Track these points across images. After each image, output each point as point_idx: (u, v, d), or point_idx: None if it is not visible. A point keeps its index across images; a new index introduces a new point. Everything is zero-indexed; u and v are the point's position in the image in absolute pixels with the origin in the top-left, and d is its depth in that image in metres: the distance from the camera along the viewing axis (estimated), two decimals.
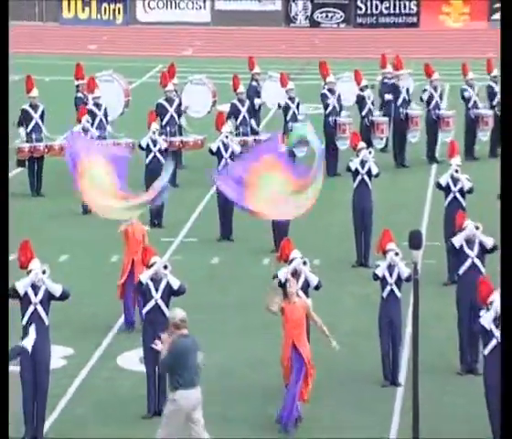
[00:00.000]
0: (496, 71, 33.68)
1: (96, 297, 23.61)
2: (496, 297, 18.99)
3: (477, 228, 21.98)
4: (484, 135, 33.65)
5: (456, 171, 25.81)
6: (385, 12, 53.60)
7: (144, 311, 20.41)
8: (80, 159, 21.46)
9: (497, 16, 52.71)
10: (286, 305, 19.47)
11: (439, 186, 26.12)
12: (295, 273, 20.81)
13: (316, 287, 20.79)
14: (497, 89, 33.71)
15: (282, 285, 20.57)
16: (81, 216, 29.27)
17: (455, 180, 25.71)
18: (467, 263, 21.82)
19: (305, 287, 20.65)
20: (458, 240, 22.05)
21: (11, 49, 17.32)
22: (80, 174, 21.33)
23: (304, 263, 20.95)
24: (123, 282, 22.91)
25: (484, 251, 21.84)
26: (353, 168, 27.03)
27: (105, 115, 32.07)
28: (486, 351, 18.99)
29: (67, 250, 27.12)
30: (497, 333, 18.74)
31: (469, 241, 21.87)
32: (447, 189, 25.77)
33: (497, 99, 33.44)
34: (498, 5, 52.74)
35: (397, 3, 53.48)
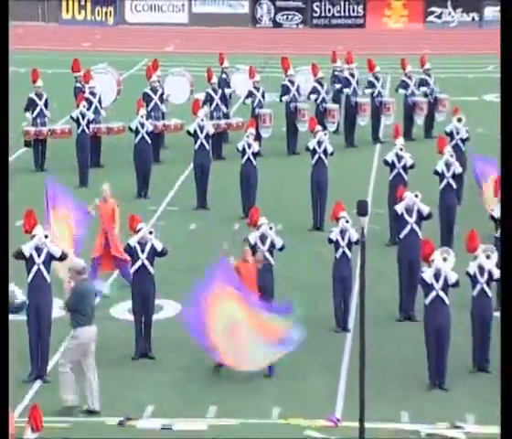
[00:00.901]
0: (429, 65, 33.90)
1: (89, 258, 23.57)
2: (436, 256, 19.13)
3: (416, 196, 22.08)
4: (419, 120, 33.78)
5: (401, 149, 25.88)
6: (336, 14, 53.73)
7: (132, 270, 20.52)
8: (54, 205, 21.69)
9: (432, 18, 52.82)
10: (241, 265, 19.63)
11: (385, 162, 26.17)
12: (263, 237, 20.91)
13: (281, 248, 20.90)
14: (430, 80, 33.97)
15: (253, 247, 20.71)
16: (78, 188, 29.26)
17: (400, 157, 25.77)
18: (407, 228, 21.94)
19: (271, 248, 20.78)
20: (399, 208, 22.19)
21: (18, 46, 17.17)
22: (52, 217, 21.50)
23: (270, 228, 21.04)
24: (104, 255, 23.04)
25: (421, 217, 21.96)
26: (311, 148, 27.12)
27: (99, 102, 32.15)
28: (427, 301, 19.15)
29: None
30: (437, 286, 18.89)
31: (408, 209, 21.98)
32: (392, 165, 25.82)
33: (430, 88, 33.55)
34: (433, 8, 52.84)
35: (346, 7, 53.57)
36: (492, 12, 52.45)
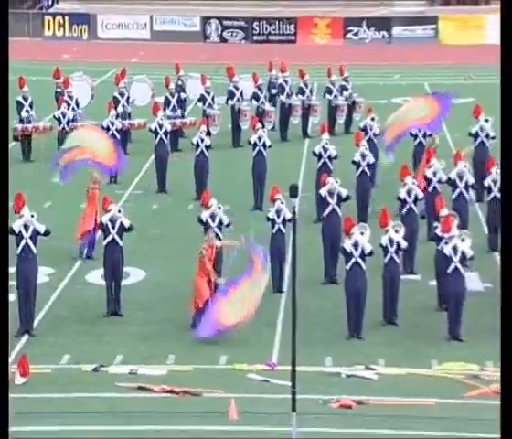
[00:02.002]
0: (347, 74, 34.03)
1: (70, 233, 23.45)
2: (354, 230, 19.24)
3: (337, 181, 22.18)
4: (340, 119, 33.86)
5: (326, 143, 25.95)
6: (272, 32, 53.77)
7: (104, 242, 20.46)
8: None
9: (350, 35, 52.95)
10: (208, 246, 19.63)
11: (314, 153, 26.26)
12: (213, 216, 20.92)
13: (227, 225, 20.93)
14: (349, 86, 33.99)
15: (204, 223, 20.77)
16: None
17: (325, 149, 25.84)
18: (329, 208, 22.03)
19: (220, 225, 20.80)
20: (323, 192, 22.26)
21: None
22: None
23: (219, 208, 21.05)
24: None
25: (340, 199, 22.07)
26: (252, 142, 27.17)
27: (76, 104, 32.20)
28: (347, 267, 19.29)
29: (49, 198, 26.96)
30: (356, 254, 18.99)
31: (331, 193, 22.05)
32: (319, 156, 25.89)
33: (348, 93, 33.56)
34: (351, 27, 52.98)
35: (281, 25, 53.62)
36: (399, 31, 52.74)
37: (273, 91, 33.96)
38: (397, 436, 15.60)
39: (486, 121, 27.67)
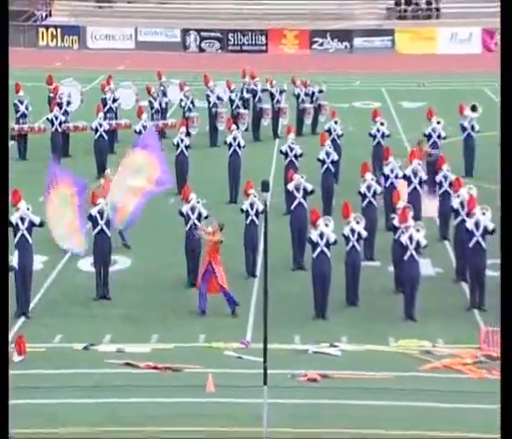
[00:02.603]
0: (313, 81, 34.06)
1: None
2: (320, 222, 19.28)
3: (302, 177, 22.22)
4: (308, 120, 33.84)
5: (292, 143, 25.96)
6: (246, 43, 53.69)
7: (94, 232, 20.41)
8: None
9: (316, 45, 52.99)
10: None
11: (281, 152, 26.28)
12: (193, 208, 20.90)
13: (206, 217, 20.89)
14: (315, 89, 33.81)
15: (184, 216, 20.74)
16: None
17: (291, 148, 25.83)
18: (296, 202, 22.05)
19: (199, 217, 20.76)
20: (290, 187, 22.28)
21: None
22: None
23: (198, 202, 21.02)
24: None
25: (306, 193, 22.10)
26: (228, 142, 27.15)
27: (68, 106, 31.97)
28: (314, 255, 19.33)
29: (43, 193, 26.75)
30: (321, 243, 19.02)
31: (297, 187, 22.08)
32: (286, 154, 25.89)
33: (314, 98, 33.56)
34: (316, 38, 53.01)
35: (253, 37, 53.61)
36: (359, 42, 52.83)
37: (246, 96, 33.94)
38: (358, 406, 15.67)
39: (438, 123, 27.77)
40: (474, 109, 28.33)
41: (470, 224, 19.63)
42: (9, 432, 12.10)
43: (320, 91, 33.90)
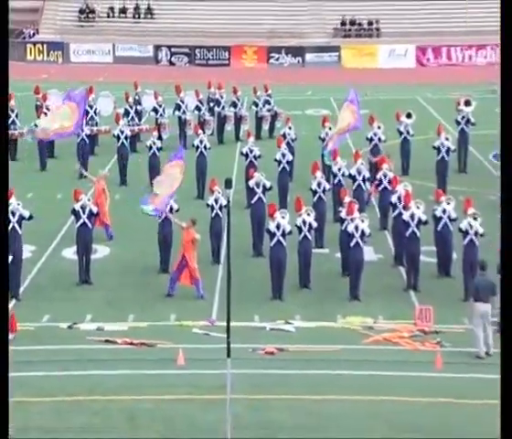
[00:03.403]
0: (270, 91, 33.95)
1: (48, 218, 23.21)
2: (277, 214, 19.28)
3: (262, 175, 22.21)
4: (265, 126, 33.75)
5: (252, 145, 25.94)
6: (211, 57, 53.52)
7: (77, 226, 20.26)
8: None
9: (272, 60, 52.97)
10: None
11: (241, 153, 26.25)
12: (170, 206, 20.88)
13: (177, 210, 20.81)
14: (271, 100, 33.66)
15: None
16: (39, 171, 28.87)
17: (251, 150, 25.82)
18: (256, 197, 22.03)
19: (171, 210, 20.67)
20: (251, 183, 22.28)
21: None
22: None
23: (171, 197, 20.98)
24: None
25: (265, 189, 22.09)
26: (195, 144, 27.08)
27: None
28: (271, 244, 19.33)
29: (31, 190, 26.51)
30: (278, 233, 19.03)
31: (257, 184, 22.07)
32: (246, 156, 25.87)
33: (271, 106, 33.52)
34: (273, 54, 52.99)
35: (217, 52, 53.50)
36: (310, 57, 52.89)
37: (212, 104, 33.85)
38: (310, 375, 15.70)
39: (379, 128, 27.89)
40: (409, 116, 28.53)
41: (406, 216, 19.76)
42: (9, 432, 11.82)
43: (267, 102, 33.69)
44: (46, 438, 13.55)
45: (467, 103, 28.72)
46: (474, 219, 19.11)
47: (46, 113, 31.01)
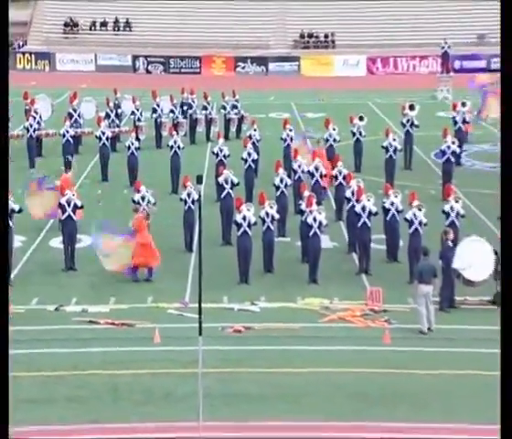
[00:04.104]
0: (238, 96, 33.88)
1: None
2: (243, 207, 19.24)
3: (231, 172, 22.15)
4: (233, 127, 33.67)
5: (221, 145, 25.88)
6: (184, 66, 53.25)
7: (62, 218, 20.11)
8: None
9: (239, 69, 52.86)
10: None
11: (213, 153, 26.18)
12: (143, 197, 20.72)
13: (154, 204, 20.68)
14: (238, 105, 33.51)
15: (136, 202, 20.51)
16: (27, 169, 28.61)
17: (221, 150, 25.75)
18: (225, 192, 21.97)
19: (148, 203, 20.57)
20: (220, 180, 22.21)
21: None
22: None
23: (147, 192, 20.85)
24: None
25: (233, 185, 22.04)
26: (170, 144, 26.95)
27: (40, 117, 31.16)
28: (238, 234, 19.30)
29: (21, 186, 26.23)
30: (244, 224, 19.01)
31: (226, 180, 22.01)
32: (216, 155, 25.80)
33: (238, 110, 33.31)
34: (239, 63, 52.90)
35: (190, 62, 53.25)
36: (273, 66, 52.82)
37: (185, 108, 33.72)
38: (274, 350, 15.74)
39: (334, 129, 27.98)
40: (361, 119, 28.65)
41: (358, 208, 19.84)
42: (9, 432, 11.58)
43: (235, 107, 33.63)
44: (35, 409, 13.45)
45: (411, 108, 28.93)
46: (419, 210, 19.24)
47: (34, 117, 30.74)
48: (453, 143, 26.14)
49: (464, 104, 30.42)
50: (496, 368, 14.93)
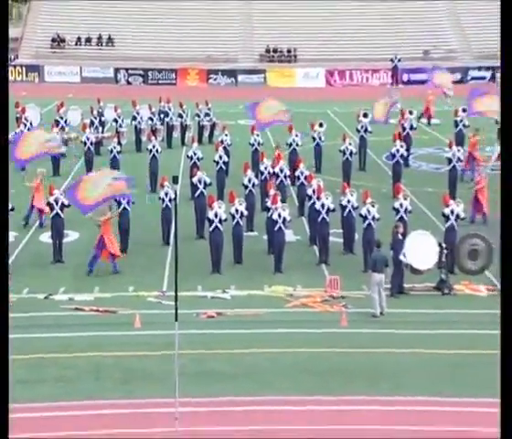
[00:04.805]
0: (210, 105, 33.78)
1: (27, 209, 22.70)
2: (215, 205, 19.16)
3: (203, 173, 22.03)
4: (206, 133, 33.48)
5: (195, 149, 25.78)
6: (161, 78, 52.98)
7: (51, 215, 19.87)
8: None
9: (211, 80, 52.75)
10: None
11: (187, 156, 26.05)
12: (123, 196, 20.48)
13: (133, 202, 20.48)
14: (211, 112, 33.32)
15: (117, 201, 20.28)
16: (19, 170, 28.20)
17: (195, 153, 25.63)
18: (198, 191, 21.88)
19: (128, 203, 20.30)
20: (194, 180, 22.12)
21: None
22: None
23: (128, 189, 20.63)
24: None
25: (206, 184, 21.95)
26: (149, 148, 26.76)
27: (31, 124, 30.81)
28: (211, 229, 19.19)
29: (13, 186, 25.77)
30: (216, 220, 18.91)
31: (199, 181, 21.92)
32: (191, 158, 25.68)
33: (210, 117, 33.14)
34: (211, 75, 52.78)
35: (166, 74, 53.02)
36: (242, 77, 52.74)
37: (162, 116, 33.55)
38: (243, 333, 15.73)
39: (296, 135, 28.02)
40: (320, 125, 28.76)
41: (318, 205, 19.88)
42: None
43: (207, 114, 33.47)
44: (27, 388, 13.31)
45: (365, 115, 29.16)
46: (372, 206, 19.35)
47: (25, 124, 30.36)
48: (402, 146, 26.37)
49: (411, 112, 30.81)
50: (439, 346, 15.10)
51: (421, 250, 17.48)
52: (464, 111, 28.96)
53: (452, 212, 18.61)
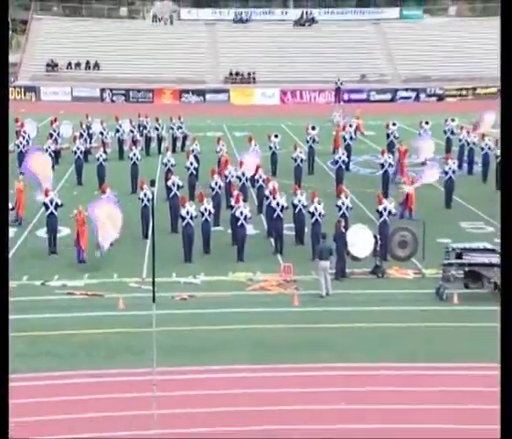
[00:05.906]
0: (182, 119, 33.59)
1: (25, 208, 22.25)
2: (187, 204, 19.01)
3: (177, 178, 21.83)
4: (178, 143, 33.26)
5: (169, 157, 25.53)
6: (140, 97, 52.64)
7: (46, 214, 19.53)
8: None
9: (183, 98, 52.49)
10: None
11: (163, 163, 25.80)
12: (108, 198, 20.19)
13: (117, 201, 20.19)
14: (183, 126, 33.18)
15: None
16: (18, 175, 27.69)
17: (169, 160, 25.31)
18: (172, 193, 21.60)
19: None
20: (169, 183, 21.87)
21: None
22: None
23: (114, 195, 20.39)
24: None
25: (179, 187, 21.74)
26: (130, 156, 26.44)
27: (29, 136, 30.29)
28: (183, 224, 18.98)
29: (12, 188, 25.37)
30: (187, 217, 18.75)
31: (173, 184, 21.67)
32: (166, 164, 25.42)
33: (182, 130, 32.87)
34: (184, 94, 52.50)
35: (145, 93, 52.73)
36: (210, 96, 52.57)
37: (141, 129, 33.27)
38: (208, 313, 15.71)
39: (256, 145, 27.97)
40: (276, 136, 28.87)
41: (274, 204, 19.89)
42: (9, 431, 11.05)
43: (180, 127, 33.26)
44: (25, 361, 13.09)
45: (313, 128, 29.50)
46: (319, 204, 19.46)
47: (23, 136, 29.81)
48: (343, 154, 26.66)
49: (351, 125, 31.34)
50: (375, 320, 15.27)
51: (360, 241, 17.67)
52: (393, 124, 30.00)
53: (385, 209, 18.83)
